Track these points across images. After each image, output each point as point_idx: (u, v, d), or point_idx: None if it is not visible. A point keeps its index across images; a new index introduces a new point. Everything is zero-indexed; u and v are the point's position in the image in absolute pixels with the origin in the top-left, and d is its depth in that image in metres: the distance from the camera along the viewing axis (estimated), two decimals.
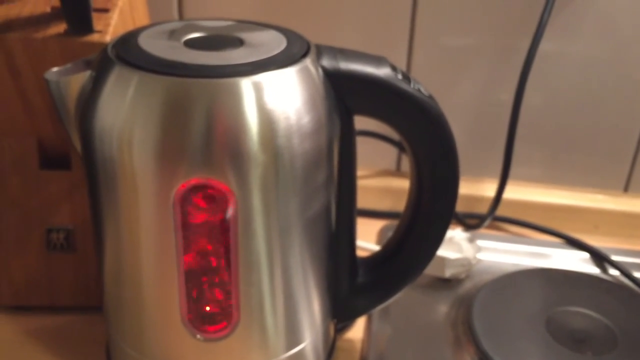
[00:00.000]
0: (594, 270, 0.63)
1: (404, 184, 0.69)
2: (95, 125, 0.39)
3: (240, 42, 0.41)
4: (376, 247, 0.63)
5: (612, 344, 0.52)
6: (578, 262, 0.64)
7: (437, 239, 0.47)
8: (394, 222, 0.67)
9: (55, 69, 0.41)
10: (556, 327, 0.53)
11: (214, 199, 0.38)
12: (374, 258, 0.50)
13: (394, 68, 0.42)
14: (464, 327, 0.54)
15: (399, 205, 0.69)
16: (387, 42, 0.66)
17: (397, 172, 0.72)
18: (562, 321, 0.54)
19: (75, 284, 0.55)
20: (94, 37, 0.47)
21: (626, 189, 0.69)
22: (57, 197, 0.53)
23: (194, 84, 0.37)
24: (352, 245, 0.48)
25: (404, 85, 0.42)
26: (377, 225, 0.68)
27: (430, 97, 0.43)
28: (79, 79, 0.39)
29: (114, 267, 0.43)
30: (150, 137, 0.37)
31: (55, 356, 0.52)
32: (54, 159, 0.53)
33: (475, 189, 0.69)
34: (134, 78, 0.37)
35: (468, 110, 0.69)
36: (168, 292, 0.40)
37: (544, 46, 0.62)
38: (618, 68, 0.65)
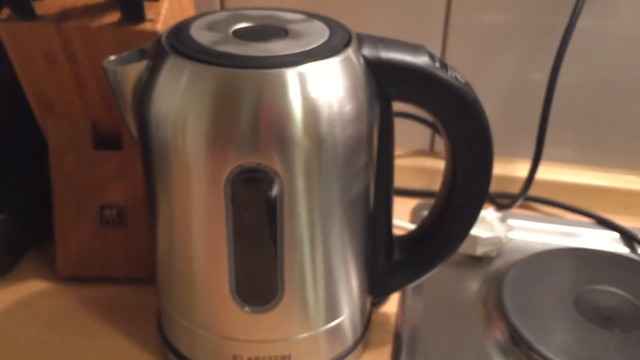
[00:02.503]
0: (623, 250, 0.65)
1: (437, 163, 0.72)
2: (151, 112, 0.41)
3: (284, 33, 0.43)
4: (410, 225, 0.66)
5: (639, 321, 0.54)
6: (608, 242, 0.66)
7: (471, 219, 0.49)
8: (428, 201, 0.70)
9: (112, 57, 0.43)
10: (584, 305, 0.55)
11: (262, 181, 0.40)
12: (410, 236, 0.53)
13: (432, 56, 0.44)
14: (495, 303, 0.56)
15: (432, 184, 0.72)
16: (423, 24, 0.68)
17: (430, 152, 0.74)
18: (590, 299, 0.56)
19: (127, 256, 0.58)
20: (146, 26, 0.49)
21: None
22: (110, 175, 0.56)
23: (243, 75, 0.39)
24: (389, 225, 0.50)
25: (441, 74, 0.43)
26: (411, 204, 0.70)
27: (467, 84, 0.45)
28: (136, 69, 0.42)
29: (166, 243, 0.46)
30: (202, 124, 0.40)
31: (109, 325, 0.55)
32: (107, 140, 0.56)
33: (508, 169, 0.71)
34: (187, 68, 0.40)
35: (503, 89, 0.70)
36: (218, 268, 0.43)
37: (580, 24, 0.62)
38: None
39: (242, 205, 0.41)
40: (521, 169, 0.70)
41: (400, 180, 0.70)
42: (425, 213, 0.68)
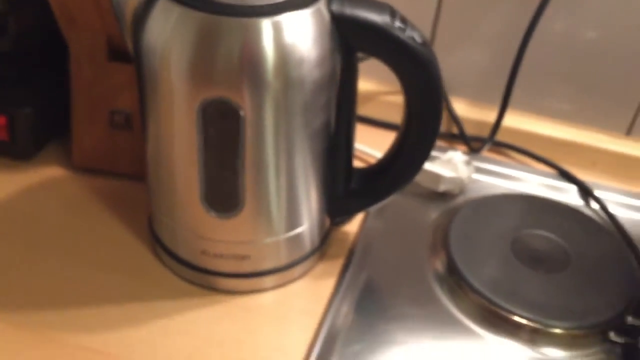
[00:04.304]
0: (578, 202, 0.71)
1: None
2: (143, 42, 0.49)
3: None
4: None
5: (564, 264, 0.61)
6: (567, 193, 0.72)
7: (419, 161, 0.56)
8: None
9: None
10: (519, 246, 0.62)
11: (230, 112, 0.48)
12: (368, 169, 0.60)
13: (393, 15, 0.50)
14: (442, 235, 0.64)
15: None
16: None
17: None
18: (526, 241, 0.63)
19: (132, 155, 0.67)
20: None
21: (629, 132, 0.75)
22: (121, 85, 0.64)
23: (224, 21, 0.46)
24: (348, 156, 0.58)
25: (397, 33, 0.49)
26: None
27: (424, 44, 0.51)
28: (134, 1, 0.49)
29: (153, 153, 0.55)
30: (185, 60, 0.47)
31: (112, 212, 0.65)
32: (120, 53, 0.63)
33: (489, 116, 0.76)
34: (175, 10, 0.47)
35: (497, 39, 0.74)
36: (191, 177, 0.52)
37: None
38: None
39: (212, 129, 0.49)
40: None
41: (387, 114, 0.77)
42: None
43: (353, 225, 0.65)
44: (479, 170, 0.72)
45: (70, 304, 0.56)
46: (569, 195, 0.72)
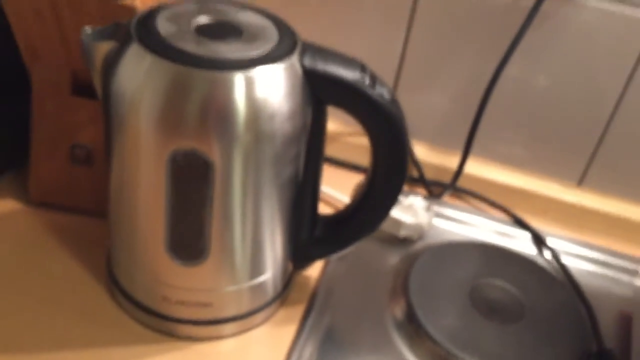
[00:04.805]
0: (532, 249, 0.73)
1: None
2: (113, 87, 0.48)
3: (240, 33, 0.49)
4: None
5: (519, 315, 0.63)
6: (521, 240, 0.74)
7: (383, 212, 0.57)
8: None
9: (89, 29, 0.50)
10: (477, 295, 0.64)
11: (199, 163, 0.48)
12: (332, 217, 0.61)
13: (363, 71, 0.51)
14: (402, 281, 0.65)
15: None
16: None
17: None
18: (483, 291, 0.64)
19: (92, 191, 0.66)
20: (126, 1, 0.55)
21: (580, 182, 0.77)
22: (83, 120, 0.63)
23: (195, 74, 0.46)
24: (314, 204, 0.58)
25: (367, 90, 0.50)
26: (358, 178, 0.78)
27: (392, 101, 0.52)
28: (105, 47, 0.49)
29: (117, 195, 0.54)
30: (155, 109, 0.47)
31: (68, 249, 0.63)
32: (84, 88, 0.62)
33: (449, 161, 0.78)
34: (147, 59, 0.46)
35: (461, 83, 0.75)
36: (156, 223, 0.51)
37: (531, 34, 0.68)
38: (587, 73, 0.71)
39: (180, 178, 0.49)
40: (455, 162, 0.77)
41: (352, 155, 0.78)
42: None
43: (314, 269, 0.66)
44: (438, 215, 0.73)
45: (20, 347, 0.54)
46: (523, 243, 0.74)
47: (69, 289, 0.60)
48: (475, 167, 0.77)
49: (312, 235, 0.59)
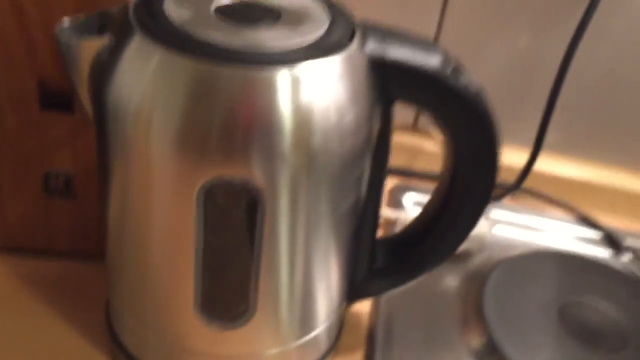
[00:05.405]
0: (604, 251, 0.62)
1: (420, 141, 0.67)
2: (109, 97, 0.35)
3: (277, 15, 0.36)
4: (387, 210, 0.61)
5: (621, 342, 0.51)
6: (591, 241, 0.63)
7: (467, 229, 0.44)
8: (407, 182, 0.65)
9: (66, 22, 0.36)
10: (569, 318, 0.52)
11: (239, 197, 0.34)
12: (394, 240, 0.48)
13: (445, 58, 0.38)
14: (474, 308, 0.53)
15: (414, 163, 0.67)
16: None
17: (413, 129, 0.68)
18: (575, 312, 0.53)
19: (74, 229, 0.53)
20: None
21: None
22: (58, 140, 0.50)
23: (223, 72, 0.32)
24: (374, 234, 0.45)
25: (452, 82, 0.37)
26: (389, 184, 0.65)
27: (479, 93, 0.39)
28: (94, 44, 0.35)
29: (119, 237, 0.40)
30: (172, 124, 0.33)
31: (50, 306, 0.50)
32: (56, 100, 0.48)
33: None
34: (156, 54, 0.33)
35: (502, 69, 0.64)
36: (181, 281, 0.38)
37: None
38: None
39: (215, 221, 0.35)
40: (515, 158, 0.64)
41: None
42: (405, 196, 0.65)
43: (364, 304, 0.53)
44: (496, 220, 0.62)
45: None
46: (595, 244, 0.63)
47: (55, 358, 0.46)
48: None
49: (371, 267, 0.46)
